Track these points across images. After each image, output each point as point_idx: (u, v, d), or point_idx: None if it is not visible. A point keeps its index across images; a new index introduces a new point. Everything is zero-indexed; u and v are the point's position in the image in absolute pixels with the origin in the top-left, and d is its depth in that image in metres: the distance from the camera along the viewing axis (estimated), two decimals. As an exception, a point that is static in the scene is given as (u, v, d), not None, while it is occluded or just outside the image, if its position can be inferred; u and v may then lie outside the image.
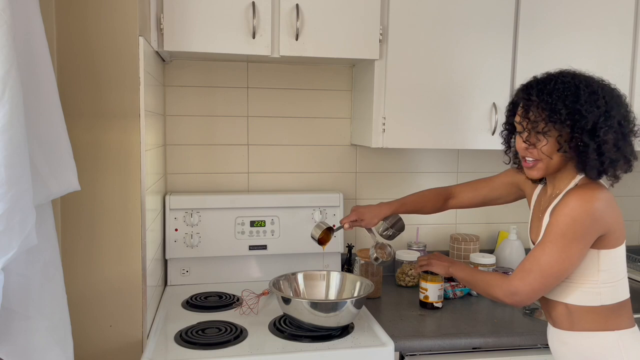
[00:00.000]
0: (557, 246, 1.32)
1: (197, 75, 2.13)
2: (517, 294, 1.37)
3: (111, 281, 1.53)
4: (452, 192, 1.81)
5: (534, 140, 1.35)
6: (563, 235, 1.31)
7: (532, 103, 1.34)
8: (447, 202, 1.81)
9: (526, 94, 1.37)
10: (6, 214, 0.97)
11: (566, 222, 1.31)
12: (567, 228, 1.31)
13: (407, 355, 1.61)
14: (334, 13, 1.84)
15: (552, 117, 1.31)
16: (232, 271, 2.11)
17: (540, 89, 1.34)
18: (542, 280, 1.35)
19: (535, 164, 1.38)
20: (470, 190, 1.77)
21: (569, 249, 1.32)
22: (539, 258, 1.35)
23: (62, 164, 1.23)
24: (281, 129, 2.22)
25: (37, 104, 1.15)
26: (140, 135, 1.51)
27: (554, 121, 1.31)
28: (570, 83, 1.33)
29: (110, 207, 1.51)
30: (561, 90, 1.31)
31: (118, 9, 1.47)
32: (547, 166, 1.37)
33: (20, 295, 1.13)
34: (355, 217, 1.75)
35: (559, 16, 1.99)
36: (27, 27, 1.11)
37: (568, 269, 1.34)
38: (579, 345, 1.39)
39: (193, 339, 1.55)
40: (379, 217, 1.76)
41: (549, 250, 1.33)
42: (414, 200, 1.82)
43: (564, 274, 1.35)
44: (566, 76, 1.35)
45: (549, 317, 1.48)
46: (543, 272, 1.34)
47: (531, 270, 1.36)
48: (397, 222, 1.80)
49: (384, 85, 1.92)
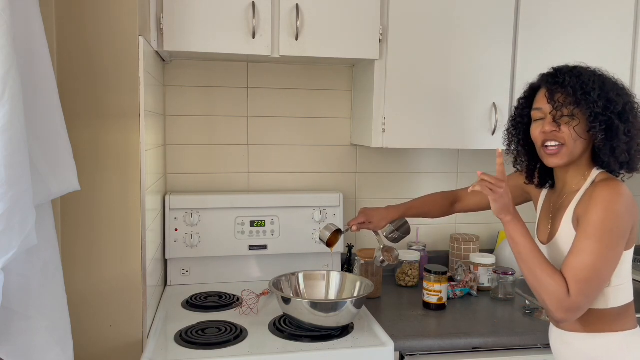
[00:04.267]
0: (606, 245, 1.24)
1: (197, 75, 2.13)
2: (576, 311, 1.27)
3: (111, 281, 1.53)
4: (458, 196, 1.81)
5: (565, 121, 1.32)
6: (610, 232, 1.24)
7: (559, 85, 1.33)
8: (453, 206, 1.81)
9: (552, 78, 1.36)
10: (6, 214, 0.97)
11: (609, 218, 1.25)
12: (611, 223, 1.25)
13: (407, 355, 1.61)
14: (334, 13, 1.84)
15: (583, 97, 1.30)
16: (232, 271, 2.11)
17: (567, 72, 1.34)
18: (599, 287, 1.27)
19: (559, 150, 1.35)
20: (476, 193, 1.74)
21: (618, 246, 1.26)
22: (592, 264, 1.24)
23: (62, 164, 1.23)
24: (281, 129, 2.22)
25: (37, 104, 1.15)
26: (140, 135, 1.51)
27: (585, 101, 1.30)
28: (593, 71, 1.35)
29: (110, 207, 1.51)
30: (589, 75, 1.33)
31: (118, 9, 1.47)
32: (571, 152, 1.34)
33: (20, 295, 1.13)
34: (363, 220, 1.75)
35: (559, 16, 1.99)
36: (27, 27, 1.11)
37: (615, 268, 1.28)
38: (582, 346, 1.38)
39: (193, 339, 1.55)
40: (386, 220, 1.76)
41: (598, 252, 1.24)
42: (420, 204, 1.82)
43: (612, 274, 1.29)
44: (586, 67, 1.37)
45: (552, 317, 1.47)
46: (600, 278, 1.26)
47: (589, 280, 1.25)
48: (403, 226, 1.81)
49: (384, 85, 1.92)
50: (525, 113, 1.45)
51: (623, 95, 1.33)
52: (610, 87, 1.32)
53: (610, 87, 1.33)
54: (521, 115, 1.47)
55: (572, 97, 1.31)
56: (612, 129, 1.30)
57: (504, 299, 1.98)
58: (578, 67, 1.37)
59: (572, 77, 1.33)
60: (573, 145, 1.34)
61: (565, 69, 1.37)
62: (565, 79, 1.33)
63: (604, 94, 1.31)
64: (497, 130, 1.97)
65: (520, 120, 1.48)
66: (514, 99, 1.98)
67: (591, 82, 1.31)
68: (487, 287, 2.07)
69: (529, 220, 1.68)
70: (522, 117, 1.47)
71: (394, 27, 1.90)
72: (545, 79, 1.39)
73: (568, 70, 1.36)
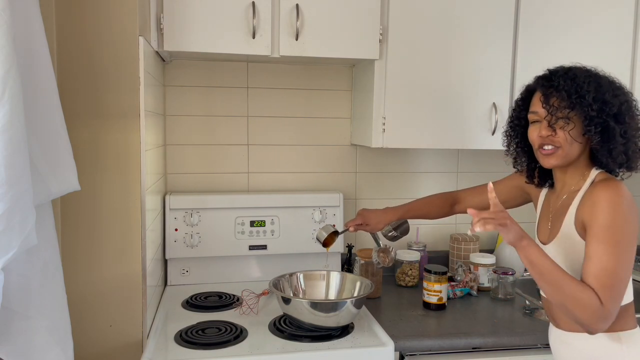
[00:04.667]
0: (621, 246, 1.23)
1: (197, 75, 2.13)
2: (611, 319, 1.24)
3: (111, 281, 1.53)
4: (458, 197, 1.80)
5: (560, 125, 1.31)
6: (621, 232, 1.24)
7: (554, 89, 1.32)
8: (453, 207, 1.80)
9: (547, 81, 1.35)
10: (6, 214, 0.97)
11: (617, 218, 1.24)
12: (621, 223, 1.24)
13: (407, 355, 1.61)
14: (334, 13, 1.84)
15: (578, 101, 1.29)
16: (232, 271, 2.11)
17: (562, 75, 1.33)
18: (623, 290, 1.25)
19: (555, 151, 1.34)
20: (476, 194, 1.75)
21: (631, 244, 1.24)
22: (613, 268, 1.22)
23: (62, 164, 1.23)
24: (281, 129, 2.22)
25: (37, 104, 1.15)
26: (140, 135, 1.51)
27: (580, 104, 1.29)
28: (589, 72, 1.34)
29: (110, 207, 1.51)
30: (584, 77, 1.31)
31: (118, 9, 1.47)
32: (567, 154, 1.34)
33: (20, 295, 1.13)
34: (361, 221, 1.76)
35: (559, 16, 1.99)
36: (27, 27, 1.11)
37: (632, 267, 1.26)
38: (582, 346, 1.38)
39: (193, 339, 1.55)
40: (384, 222, 1.77)
41: (615, 254, 1.23)
42: (419, 206, 1.81)
43: (630, 274, 1.27)
44: (582, 67, 1.36)
45: (552, 317, 1.47)
46: (622, 281, 1.24)
47: (614, 285, 1.23)
48: (401, 225, 1.82)
49: (384, 85, 1.92)
50: (523, 115, 1.45)
51: (619, 96, 1.32)
52: (606, 88, 1.31)
53: (606, 88, 1.31)
54: (518, 117, 1.47)
55: (567, 101, 1.30)
56: (608, 131, 1.30)
57: (504, 299, 1.98)
58: (573, 68, 1.36)
59: (566, 80, 1.32)
60: (569, 148, 1.33)
61: (560, 71, 1.36)
62: (559, 83, 1.32)
63: (599, 95, 1.29)
64: (497, 130, 1.97)
65: (517, 122, 1.48)
66: (514, 99, 1.97)
67: (586, 85, 1.30)
68: (487, 287, 2.06)
69: (529, 221, 1.69)
70: (520, 120, 1.47)
71: (394, 27, 1.90)
72: (540, 82, 1.38)
73: (563, 73, 1.34)
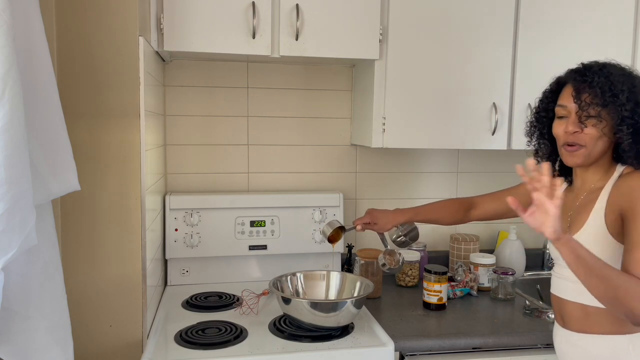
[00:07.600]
0: None
1: (197, 75, 2.14)
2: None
3: (111, 281, 1.53)
4: (473, 203, 1.76)
5: (591, 122, 1.29)
6: None
7: (587, 85, 1.29)
8: (468, 213, 1.76)
9: (580, 75, 1.32)
10: (6, 214, 0.97)
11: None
12: None
13: (407, 355, 1.61)
14: (334, 13, 1.84)
15: (611, 100, 1.26)
16: (232, 271, 2.11)
17: (596, 71, 1.30)
18: None
19: (578, 150, 1.32)
20: (492, 200, 1.72)
21: None
22: None
23: (62, 164, 1.23)
24: (281, 129, 2.22)
25: (37, 104, 1.15)
26: (140, 135, 1.51)
27: (613, 103, 1.26)
28: (624, 70, 1.31)
29: (110, 207, 1.51)
30: (618, 75, 1.29)
31: (118, 9, 1.47)
32: (590, 153, 1.32)
33: (20, 295, 1.13)
34: (369, 220, 1.74)
35: (559, 16, 1.99)
36: (27, 27, 1.11)
37: None
38: (589, 347, 1.35)
39: (193, 339, 1.55)
40: (392, 223, 1.74)
41: None
42: (430, 210, 1.78)
43: None
44: (617, 65, 1.33)
45: (559, 317, 1.44)
46: None
47: None
48: (411, 231, 1.79)
49: (384, 85, 1.92)
50: (551, 107, 1.41)
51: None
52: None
53: (639, 88, 1.29)
54: (546, 109, 1.43)
55: (600, 98, 1.28)
56: (639, 132, 1.27)
57: (504, 299, 1.98)
58: (608, 65, 1.32)
59: (601, 76, 1.29)
60: (592, 147, 1.31)
61: (594, 67, 1.33)
62: (594, 79, 1.29)
63: (633, 95, 1.27)
64: (497, 130, 1.97)
65: (544, 115, 1.44)
66: (514, 99, 1.99)
67: (620, 83, 1.27)
68: (487, 287, 2.06)
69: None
70: (547, 112, 1.43)
71: (394, 27, 1.90)
72: (573, 75, 1.34)
73: (597, 69, 1.31)
